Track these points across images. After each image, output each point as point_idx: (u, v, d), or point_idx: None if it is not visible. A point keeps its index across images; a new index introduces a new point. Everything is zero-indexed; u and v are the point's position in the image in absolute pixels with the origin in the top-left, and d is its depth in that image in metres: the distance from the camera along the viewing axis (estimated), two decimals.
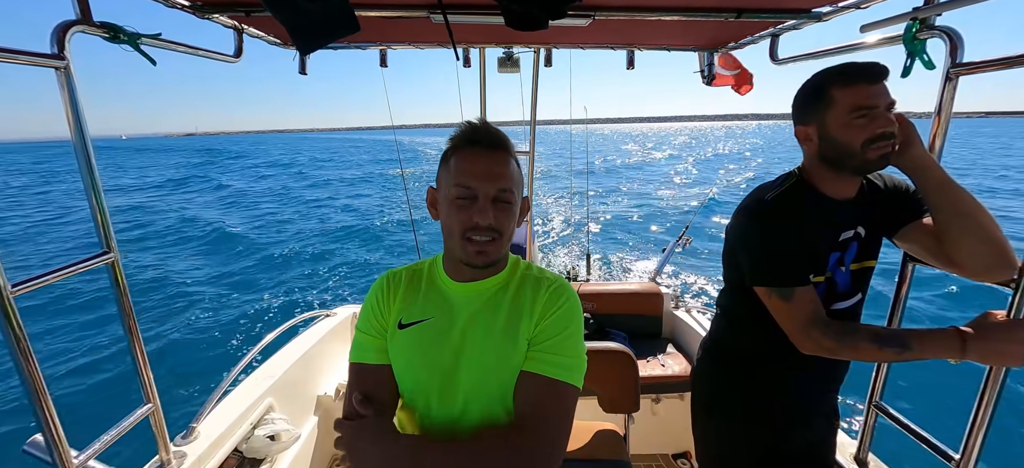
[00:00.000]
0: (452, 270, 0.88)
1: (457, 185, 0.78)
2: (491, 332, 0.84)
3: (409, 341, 0.85)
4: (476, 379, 0.83)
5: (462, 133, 0.81)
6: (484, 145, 0.79)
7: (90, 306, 6.74)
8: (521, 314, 0.84)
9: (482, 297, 0.86)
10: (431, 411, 0.84)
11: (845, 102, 0.96)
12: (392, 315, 0.88)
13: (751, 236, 1.08)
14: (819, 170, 1.06)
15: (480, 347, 0.83)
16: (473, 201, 0.77)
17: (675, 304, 2.80)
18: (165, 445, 1.37)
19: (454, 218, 0.78)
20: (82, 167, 1.09)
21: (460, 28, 1.78)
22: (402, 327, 0.86)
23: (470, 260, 0.80)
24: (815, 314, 0.99)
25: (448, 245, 0.84)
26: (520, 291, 0.87)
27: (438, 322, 0.85)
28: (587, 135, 7.63)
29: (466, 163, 0.78)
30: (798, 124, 1.06)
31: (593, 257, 4.56)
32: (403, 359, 0.86)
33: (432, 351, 0.84)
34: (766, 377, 1.17)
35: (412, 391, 0.86)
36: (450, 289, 0.88)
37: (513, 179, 0.80)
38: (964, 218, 0.95)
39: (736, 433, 1.21)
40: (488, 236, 0.78)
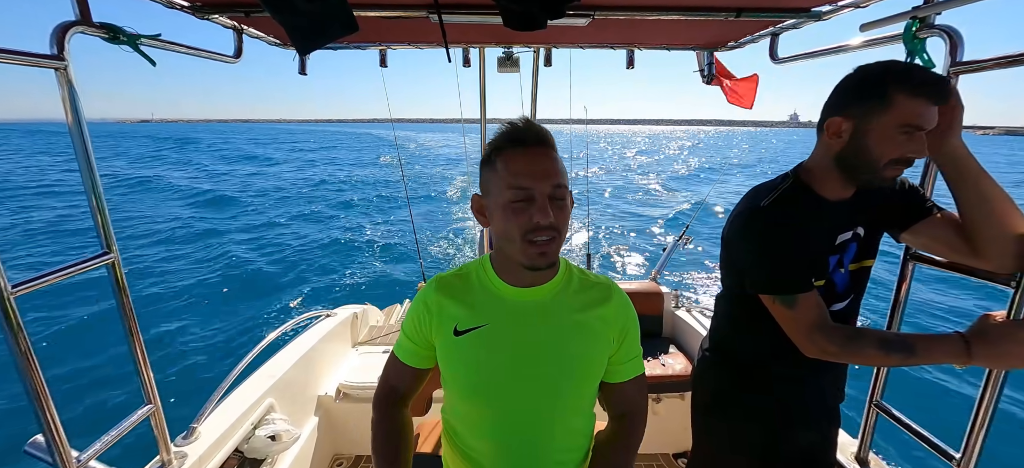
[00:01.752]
0: (507, 274, 0.87)
1: (511, 188, 0.76)
2: (565, 336, 0.86)
3: (468, 346, 0.86)
4: (549, 384, 0.85)
5: (505, 133, 0.79)
6: (532, 143, 0.77)
7: (90, 306, 6.75)
8: (594, 325, 0.87)
9: (543, 302, 0.87)
10: (499, 412, 0.87)
11: (901, 111, 0.88)
12: (441, 326, 0.88)
13: (750, 243, 1.06)
14: (825, 171, 1.03)
15: (554, 352, 0.85)
16: (530, 202, 0.76)
17: (675, 303, 2.80)
18: (166, 445, 1.37)
19: (512, 222, 0.77)
20: (82, 167, 1.09)
21: (459, 28, 1.77)
22: (458, 333, 0.86)
23: (533, 262, 0.78)
24: (820, 319, 0.98)
25: (505, 250, 0.83)
26: (584, 294, 0.89)
27: (496, 328, 0.85)
28: (587, 134, 7.62)
29: (517, 164, 0.76)
30: (835, 114, 0.97)
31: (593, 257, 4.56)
32: (462, 364, 0.86)
33: (493, 355, 0.85)
34: (766, 378, 1.17)
35: (473, 393, 0.87)
36: (507, 294, 0.87)
37: (563, 174, 0.79)
38: (996, 207, 0.93)
39: (737, 433, 1.20)
40: (548, 235, 0.77)
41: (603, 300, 0.89)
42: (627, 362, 0.92)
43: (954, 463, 1.09)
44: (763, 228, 1.03)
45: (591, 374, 0.88)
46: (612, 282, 0.93)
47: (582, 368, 0.87)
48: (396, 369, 0.96)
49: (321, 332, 2.41)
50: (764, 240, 1.02)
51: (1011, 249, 0.93)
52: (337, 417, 2.26)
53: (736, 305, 1.19)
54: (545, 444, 0.88)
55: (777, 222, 1.02)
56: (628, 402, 0.94)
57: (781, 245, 1.01)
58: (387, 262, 9.75)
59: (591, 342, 0.87)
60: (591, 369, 0.88)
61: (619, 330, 0.89)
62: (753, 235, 1.05)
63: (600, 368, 0.89)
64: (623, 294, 0.92)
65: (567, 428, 0.90)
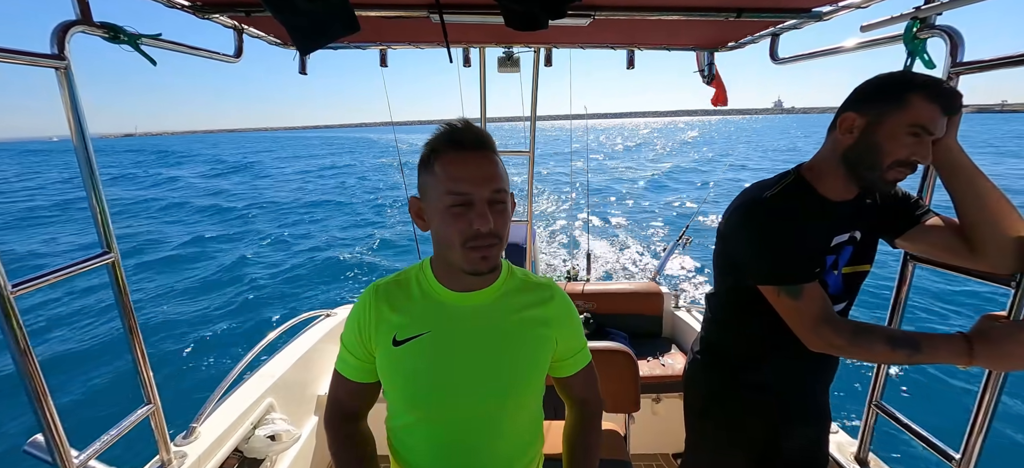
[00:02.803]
0: (447, 279, 0.84)
1: (449, 193, 0.73)
2: (508, 341, 0.85)
3: (408, 355, 0.83)
4: (493, 391, 0.83)
5: (443, 134, 0.76)
6: (470, 146, 0.75)
7: (90, 306, 6.75)
8: (536, 329, 0.87)
9: (485, 307, 0.85)
10: (441, 421, 0.85)
11: (915, 112, 0.90)
12: (382, 332, 0.84)
13: (753, 234, 1.05)
14: (830, 169, 1.03)
15: (496, 358, 0.84)
16: (469, 207, 0.73)
17: (675, 303, 2.80)
18: (166, 445, 1.37)
19: (451, 227, 0.74)
20: (82, 167, 1.09)
21: (460, 28, 1.77)
22: (397, 343, 0.83)
23: (475, 267, 0.76)
24: (825, 311, 0.97)
25: (445, 256, 0.81)
26: (525, 296, 0.88)
27: (437, 335, 0.83)
28: (587, 133, 7.63)
29: (455, 167, 0.74)
30: (850, 110, 0.98)
31: (593, 256, 4.57)
32: (403, 374, 0.83)
33: (436, 363, 0.82)
34: (761, 376, 1.16)
35: (414, 402, 0.84)
36: (448, 299, 0.84)
37: (504, 178, 0.77)
38: (993, 206, 0.94)
39: (731, 433, 1.20)
40: (489, 241, 0.75)
41: (544, 300, 0.89)
42: (572, 356, 0.94)
43: (954, 463, 1.10)
44: (766, 219, 1.02)
45: (535, 375, 0.87)
46: (552, 282, 0.93)
47: (526, 370, 0.86)
48: (342, 386, 0.90)
49: (321, 332, 2.41)
50: (768, 231, 1.02)
51: (1008, 249, 0.93)
52: None
53: (729, 304, 1.18)
54: (492, 449, 0.86)
55: (780, 214, 1.01)
56: (580, 390, 0.98)
57: (785, 236, 1.00)
58: (387, 262, 9.75)
59: (533, 343, 0.86)
60: (535, 370, 0.87)
61: (560, 328, 0.90)
62: (756, 226, 1.04)
63: (544, 367, 0.89)
64: (562, 293, 0.92)
65: (515, 430, 0.89)
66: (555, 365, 0.94)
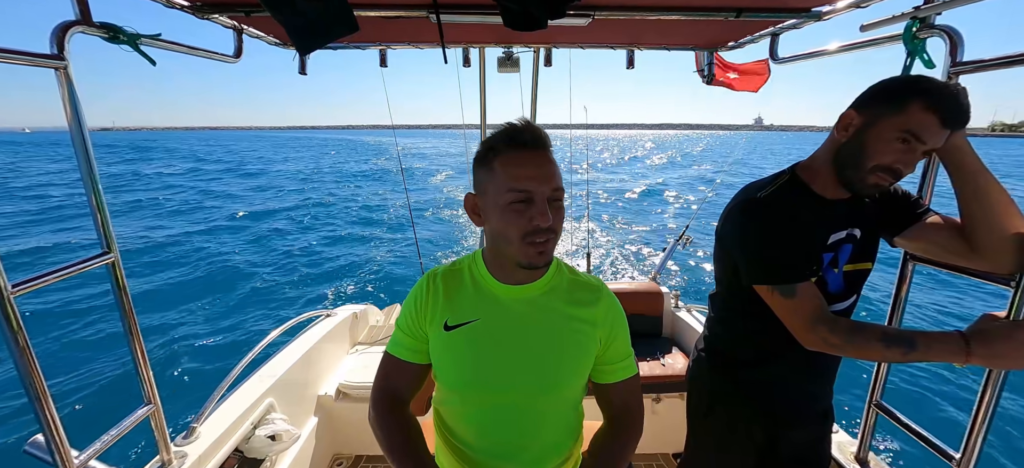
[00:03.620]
0: (498, 271, 0.88)
1: (511, 189, 0.76)
2: (553, 334, 0.87)
3: (457, 341, 0.87)
4: (536, 380, 0.86)
5: (504, 133, 0.79)
6: (531, 145, 0.78)
7: (91, 306, 6.75)
8: (581, 326, 0.89)
9: (533, 299, 0.88)
10: (487, 405, 0.88)
11: (909, 118, 0.88)
12: (436, 316, 0.89)
13: (747, 234, 1.05)
14: (823, 167, 1.03)
15: (541, 349, 0.86)
16: (530, 204, 0.76)
17: (675, 303, 2.80)
18: (166, 445, 1.38)
19: (511, 223, 0.77)
20: (82, 166, 1.09)
21: (459, 28, 1.78)
22: (449, 328, 0.87)
23: (532, 261, 0.79)
24: (821, 310, 0.97)
25: (501, 250, 0.83)
26: (572, 293, 0.91)
27: (485, 324, 0.87)
28: (587, 136, 7.61)
29: (516, 166, 0.77)
30: (854, 107, 0.98)
31: (593, 256, 4.56)
32: (452, 358, 0.87)
33: (482, 350, 0.86)
34: (763, 376, 1.16)
35: (461, 385, 0.88)
36: (497, 290, 0.88)
37: (560, 176, 0.80)
38: (994, 204, 0.93)
39: (734, 434, 1.20)
40: (547, 237, 0.78)
41: (592, 301, 0.91)
42: (617, 363, 0.93)
43: (954, 463, 1.09)
44: (760, 218, 1.03)
45: (578, 371, 0.89)
46: (602, 283, 0.95)
47: (569, 364, 0.88)
48: (394, 367, 0.95)
49: (321, 332, 2.41)
50: (761, 230, 1.02)
51: (1008, 248, 0.93)
52: (337, 417, 2.26)
53: (730, 304, 1.18)
54: (532, 439, 0.89)
55: (774, 213, 1.01)
56: (620, 404, 0.96)
57: (779, 235, 1.00)
58: (387, 262, 9.75)
59: (578, 340, 0.89)
60: (578, 366, 0.89)
61: (607, 331, 0.91)
62: (750, 225, 1.04)
63: (587, 365, 0.91)
64: (612, 296, 0.93)
65: (554, 423, 0.91)
66: (598, 370, 0.93)
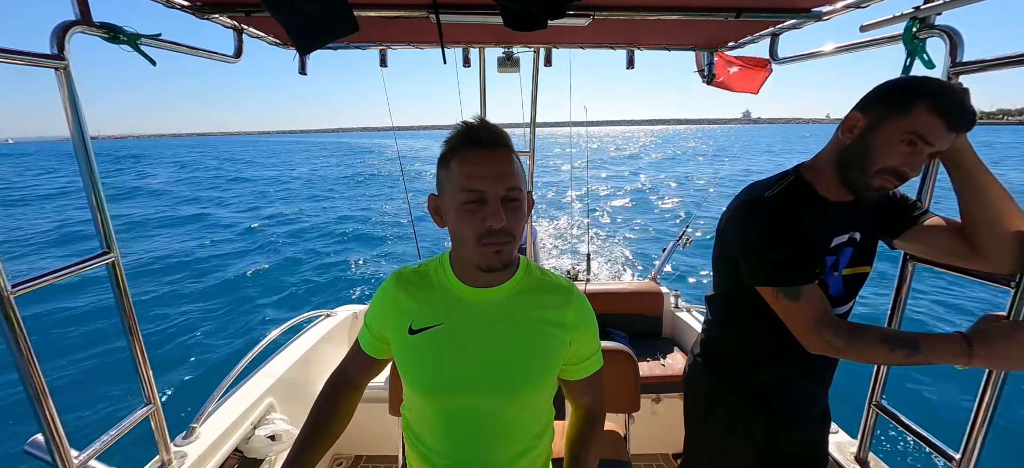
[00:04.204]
0: (463, 274, 0.86)
1: (464, 189, 0.74)
2: (520, 339, 0.85)
3: (421, 345, 0.85)
4: (502, 386, 0.84)
5: (460, 133, 0.77)
6: (486, 144, 0.76)
7: (91, 306, 6.75)
8: (550, 328, 0.87)
9: (499, 303, 0.86)
10: (452, 410, 0.87)
11: (915, 120, 0.87)
12: (401, 318, 0.87)
13: (753, 234, 1.03)
14: (827, 169, 1.02)
15: (507, 354, 0.84)
16: (482, 204, 0.74)
17: (675, 303, 2.80)
18: (165, 445, 1.38)
19: (465, 224, 0.75)
20: (82, 167, 1.09)
21: (460, 28, 1.78)
22: (413, 332, 0.86)
23: (488, 263, 0.77)
24: (825, 313, 0.96)
25: (460, 252, 0.83)
26: (541, 295, 0.88)
27: (450, 327, 0.85)
28: (588, 140, 7.62)
29: (470, 165, 0.75)
30: (858, 108, 0.97)
31: (594, 256, 4.57)
32: (416, 362, 0.86)
33: (446, 354, 0.84)
34: (761, 378, 1.16)
35: (425, 389, 0.86)
36: (463, 294, 0.86)
37: (519, 176, 0.77)
38: (995, 204, 0.93)
39: (732, 437, 1.20)
40: (502, 239, 0.76)
41: (561, 303, 0.88)
42: (584, 361, 0.93)
43: (954, 463, 1.09)
44: (766, 218, 1.01)
45: (546, 374, 0.87)
46: (572, 285, 0.93)
47: (537, 367, 0.86)
48: (354, 355, 0.99)
49: (321, 332, 2.41)
50: (767, 230, 1.00)
51: (1009, 248, 0.93)
52: None
53: (729, 305, 1.17)
54: (500, 443, 0.87)
55: (781, 213, 1.00)
56: (586, 395, 0.98)
57: (785, 236, 0.98)
58: (387, 262, 9.75)
59: (547, 343, 0.87)
60: (546, 369, 0.87)
61: (576, 333, 0.89)
62: (755, 225, 1.03)
63: (555, 368, 0.89)
64: (582, 297, 0.92)
65: (523, 427, 0.90)
66: (566, 368, 0.93)
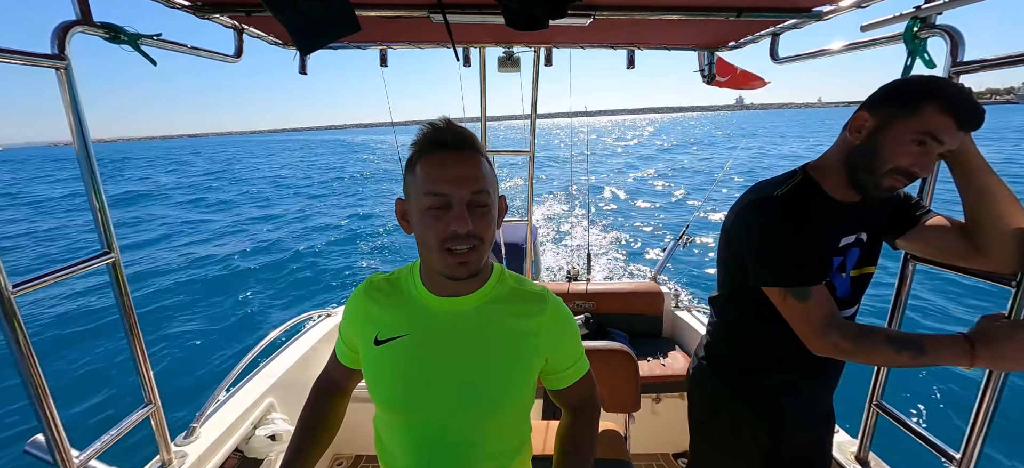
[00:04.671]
0: (431, 283, 0.82)
1: (428, 193, 0.71)
2: (490, 352, 0.81)
3: (386, 357, 0.81)
4: (471, 401, 0.80)
5: (425, 135, 0.74)
6: (451, 146, 0.72)
7: (91, 306, 6.75)
8: (525, 339, 0.83)
9: (469, 313, 0.82)
10: (419, 427, 0.82)
11: (925, 120, 0.87)
12: (367, 327, 0.84)
13: (761, 234, 1.01)
14: (834, 168, 1.02)
15: (476, 368, 0.80)
16: (447, 208, 0.71)
17: (675, 303, 2.80)
18: (166, 445, 1.38)
19: (429, 229, 0.72)
20: (83, 167, 1.09)
21: (460, 27, 1.77)
22: (379, 343, 0.82)
23: (452, 272, 0.73)
24: (833, 315, 0.94)
25: (425, 258, 0.79)
26: (515, 304, 0.84)
27: (415, 338, 0.81)
28: (588, 133, 7.62)
29: (435, 168, 0.71)
30: (866, 108, 0.95)
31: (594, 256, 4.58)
32: (381, 374, 0.82)
33: (411, 367, 0.80)
34: (766, 381, 1.15)
35: (390, 403, 0.83)
36: (430, 304, 0.82)
37: (487, 179, 0.74)
38: (998, 203, 0.93)
39: (737, 439, 1.19)
40: (468, 244, 0.72)
41: (536, 311, 0.84)
42: (568, 369, 0.89)
43: (954, 463, 1.09)
44: (774, 217, 0.99)
45: (516, 386, 0.83)
46: (547, 292, 0.89)
47: (505, 380, 0.81)
48: (332, 361, 0.98)
49: (321, 332, 2.41)
50: (776, 229, 0.99)
51: (1011, 248, 0.93)
52: None
53: (734, 307, 1.17)
54: (465, 456, 0.83)
55: (790, 212, 0.98)
56: (576, 399, 0.94)
57: (794, 235, 0.97)
58: (386, 262, 9.75)
59: (520, 355, 0.82)
60: (516, 381, 0.83)
61: (552, 341, 0.86)
62: (763, 224, 1.01)
63: (529, 379, 0.85)
64: (559, 304, 0.88)
65: (494, 446, 0.85)
66: (549, 378, 0.90)
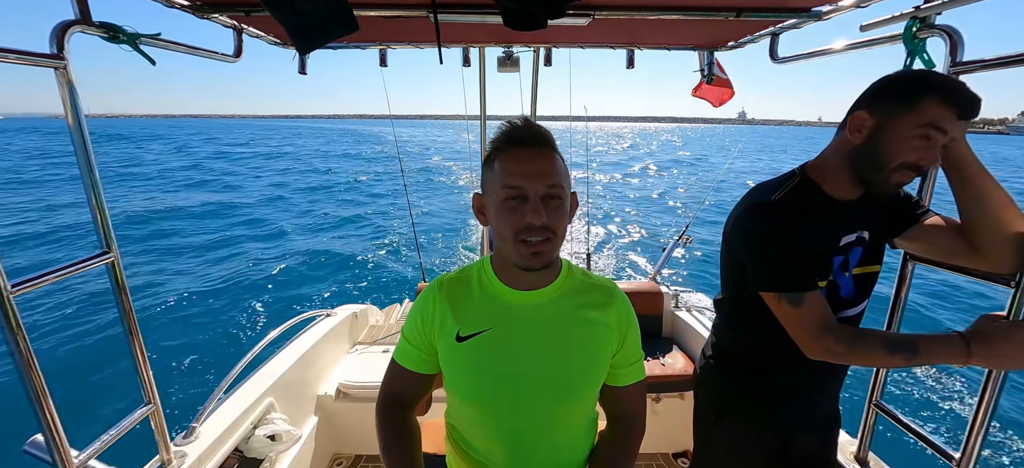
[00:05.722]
0: (507, 276, 0.87)
1: (505, 187, 0.76)
2: (568, 340, 0.86)
3: (471, 351, 0.85)
4: (554, 389, 0.85)
5: (504, 133, 0.79)
6: (528, 143, 0.78)
7: (91, 305, 6.75)
8: (596, 329, 0.87)
9: (544, 306, 0.87)
10: (504, 417, 0.86)
11: (927, 113, 0.87)
12: (445, 328, 0.87)
13: (758, 239, 1.02)
14: (836, 168, 1.01)
15: (557, 356, 0.85)
16: (523, 201, 0.76)
17: (675, 303, 2.80)
18: (165, 445, 1.38)
19: (505, 221, 0.77)
20: (82, 166, 1.09)
21: (459, 27, 1.78)
22: (461, 340, 0.85)
23: (526, 263, 0.78)
24: (826, 320, 0.95)
25: (501, 250, 0.83)
26: (585, 296, 0.89)
27: (498, 332, 0.85)
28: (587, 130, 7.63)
29: (512, 163, 0.77)
30: (862, 108, 0.95)
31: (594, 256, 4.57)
32: (466, 369, 0.86)
33: (497, 359, 0.84)
34: (772, 381, 1.15)
35: (478, 396, 0.86)
36: (508, 297, 0.86)
37: (561, 174, 0.79)
38: (995, 205, 0.93)
39: (742, 439, 1.19)
40: (542, 236, 0.76)
41: (605, 303, 0.89)
42: (628, 366, 0.93)
43: (954, 463, 1.09)
44: (771, 222, 1.00)
45: (594, 376, 0.88)
46: (614, 284, 0.93)
47: (585, 370, 0.87)
48: (399, 375, 0.94)
49: (321, 332, 2.41)
50: (774, 235, 0.99)
51: (1009, 248, 0.93)
52: (337, 417, 2.26)
53: (737, 309, 1.17)
54: (550, 446, 0.88)
55: (786, 217, 0.99)
56: (627, 406, 0.95)
57: (791, 240, 0.98)
58: (387, 261, 9.75)
59: (594, 344, 0.87)
60: (594, 371, 0.88)
61: (621, 333, 0.90)
62: (762, 230, 1.01)
63: (603, 369, 0.89)
64: (625, 297, 0.92)
65: (571, 429, 0.91)
66: (613, 373, 0.92)
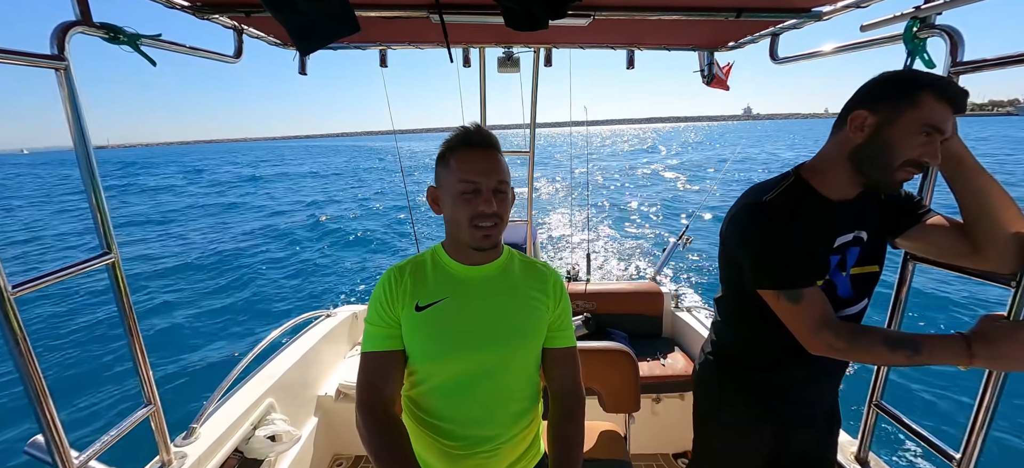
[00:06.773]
0: (459, 255, 1.00)
1: (462, 181, 0.90)
2: (511, 303, 1.00)
3: (430, 317, 0.96)
4: (501, 341, 0.97)
5: (458, 136, 0.94)
6: (480, 145, 0.93)
7: (91, 306, 6.75)
8: (533, 295, 1.02)
9: (491, 277, 1.01)
10: (459, 371, 0.96)
11: (927, 111, 0.88)
12: (404, 303, 0.97)
13: (752, 238, 1.03)
14: (833, 168, 1.02)
15: (502, 315, 0.99)
16: (477, 193, 0.90)
17: (675, 303, 2.80)
18: (166, 445, 1.38)
19: (461, 210, 0.91)
20: (82, 168, 1.09)
21: (460, 28, 1.78)
22: (420, 309, 0.96)
23: (479, 244, 0.93)
24: (826, 315, 0.96)
25: (455, 234, 0.98)
26: (524, 273, 1.05)
27: (453, 300, 0.97)
28: (588, 135, 7.63)
29: (467, 162, 0.91)
30: (861, 107, 0.95)
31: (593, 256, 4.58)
32: (425, 333, 0.96)
33: (457, 323, 0.96)
34: (771, 379, 1.16)
35: (437, 353, 0.96)
36: (460, 272, 1.00)
37: (505, 171, 0.94)
38: (994, 205, 0.93)
39: (743, 434, 1.20)
40: (492, 221, 0.91)
41: (542, 279, 1.05)
42: (561, 332, 1.06)
43: (954, 463, 1.09)
44: (766, 222, 1.01)
45: (535, 329, 1.02)
46: (549, 266, 1.09)
47: (527, 324, 1.01)
48: (373, 364, 0.95)
49: (321, 332, 2.41)
50: (768, 234, 1.00)
51: (1009, 248, 0.93)
52: (337, 417, 2.26)
53: (736, 307, 1.17)
54: (503, 397, 1.00)
55: (780, 216, 1.00)
56: (563, 371, 1.07)
57: (785, 239, 0.99)
58: (387, 262, 9.75)
59: (532, 305, 1.02)
60: (535, 324, 1.02)
61: (555, 300, 1.05)
62: (755, 229, 1.03)
63: (542, 327, 1.03)
64: (558, 276, 1.08)
65: (519, 387, 1.02)
66: (548, 336, 1.05)
